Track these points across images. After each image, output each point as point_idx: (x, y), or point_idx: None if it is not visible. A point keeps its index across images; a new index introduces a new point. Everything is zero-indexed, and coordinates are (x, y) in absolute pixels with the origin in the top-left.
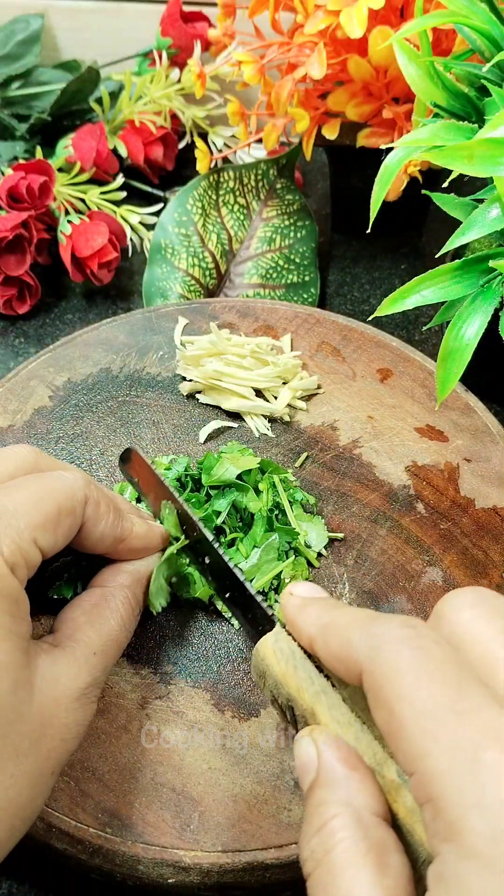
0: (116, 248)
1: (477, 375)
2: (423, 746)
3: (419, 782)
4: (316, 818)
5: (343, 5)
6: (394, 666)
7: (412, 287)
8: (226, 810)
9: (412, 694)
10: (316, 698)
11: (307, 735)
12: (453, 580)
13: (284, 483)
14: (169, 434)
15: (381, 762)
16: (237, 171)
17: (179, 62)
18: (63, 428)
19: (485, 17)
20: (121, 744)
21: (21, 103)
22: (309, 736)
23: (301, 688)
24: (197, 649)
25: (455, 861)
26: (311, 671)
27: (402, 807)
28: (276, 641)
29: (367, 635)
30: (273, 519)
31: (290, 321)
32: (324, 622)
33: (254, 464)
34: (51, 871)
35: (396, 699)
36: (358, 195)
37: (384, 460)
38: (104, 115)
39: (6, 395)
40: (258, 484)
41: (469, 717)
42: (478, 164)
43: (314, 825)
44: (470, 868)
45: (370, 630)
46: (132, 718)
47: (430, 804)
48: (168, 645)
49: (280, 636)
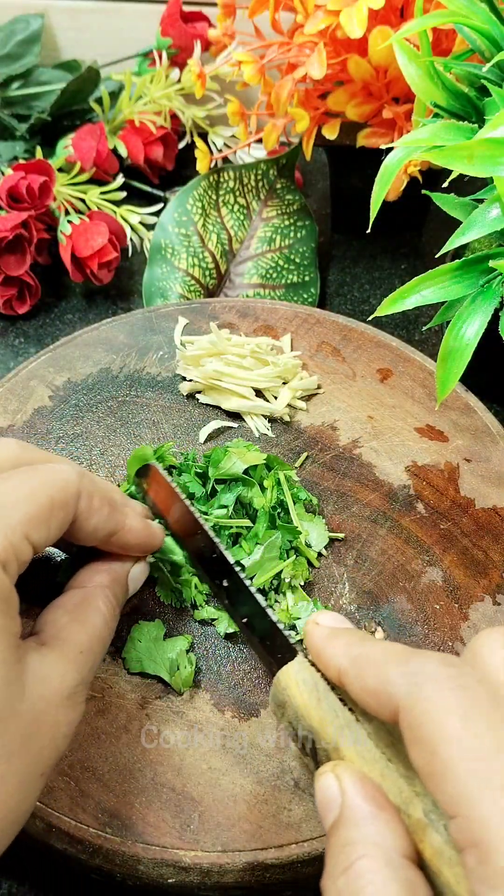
0: (116, 248)
1: (477, 375)
2: (471, 790)
3: (463, 826)
4: (342, 858)
5: (343, 5)
6: (438, 705)
7: (412, 287)
8: (226, 810)
9: (459, 735)
10: (340, 732)
11: (330, 771)
12: (453, 580)
13: (289, 481)
14: (169, 434)
15: (407, 801)
16: (237, 171)
17: (179, 62)
18: (63, 428)
19: (485, 17)
20: (121, 744)
21: (21, 103)
22: (332, 772)
23: (325, 720)
24: (197, 649)
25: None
26: (335, 704)
27: (429, 847)
28: (299, 672)
29: (406, 672)
30: (275, 517)
31: (290, 321)
32: (355, 654)
33: (260, 459)
34: (51, 871)
35: (441, 740)
36: (358, 195)
37: (384, 460)
38: (104, 115)
39: (6, 395)
40: (263, 480)
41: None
42: (478, 164)
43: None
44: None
45: (409, 667)
46: (132, 718)
47: (476, 849)
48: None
49: (303, 666)
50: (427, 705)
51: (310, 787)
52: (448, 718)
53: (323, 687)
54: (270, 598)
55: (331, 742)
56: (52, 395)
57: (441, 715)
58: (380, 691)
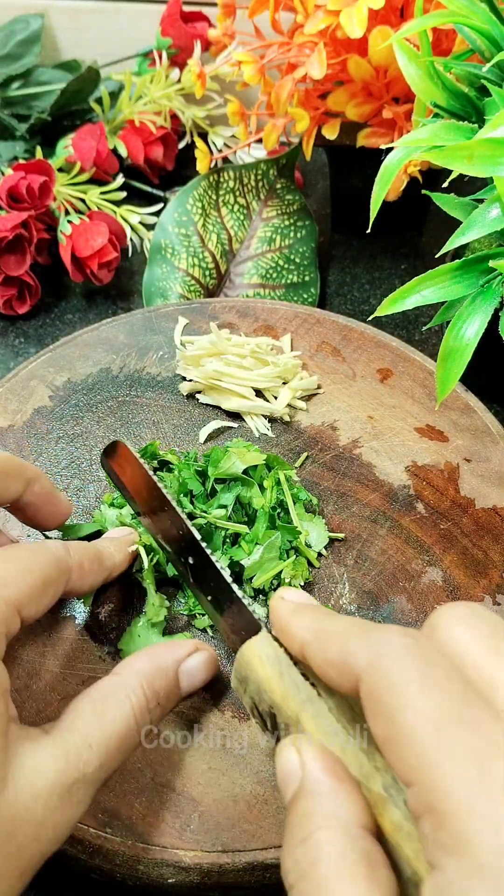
0: (116, 248)
1: (477, 375)
2: (428, 756)
3: (420, 792)
4: (300, 829)
5: (343, 5)
6: (397, 674)
7: (412, 287)
8: (226, 810)
9: (417, 703)
10: (302, 706)
11: (291, 744)
12: (453, 580)
13: (288, 481)
14: (169, 434)
15: (367, 775)
16: (237, 171)
17: (179, 62)
18: (63, 428)
19: (485, 17)
20: None
21: (21, 103)
22: (293, 745)
23: (287, 695)
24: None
25: (459, 874)
26: (297, 678)
27: (388, 821)
28: (262, 646)
29: (367, 643)
30: (275, 517)
31: (290, 321)
32: (319, 628)
33: (260, 459)
34: (51, 871)
35: (400, 708)
36: (358, 195)
37: (384, 460)
38: (104, 115)
39: (6, 395)
40: (263, 481)
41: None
42: (478, 164)
43: (298, 836)
44: (475, 882)
45: (370, 638)
46: None
47: (433, 815)
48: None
49: (266, 641)
50: (387, 675)
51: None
52: (406, 687)
53: (286, 661)
54: (270, 597)
55: (292, 716)
56: (52, 395)
57: (399, 683)
58: (341, 662)
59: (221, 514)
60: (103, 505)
